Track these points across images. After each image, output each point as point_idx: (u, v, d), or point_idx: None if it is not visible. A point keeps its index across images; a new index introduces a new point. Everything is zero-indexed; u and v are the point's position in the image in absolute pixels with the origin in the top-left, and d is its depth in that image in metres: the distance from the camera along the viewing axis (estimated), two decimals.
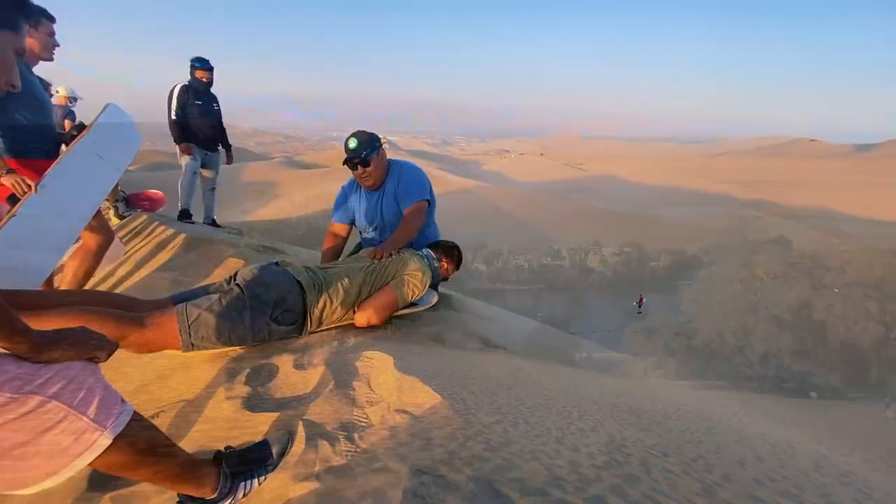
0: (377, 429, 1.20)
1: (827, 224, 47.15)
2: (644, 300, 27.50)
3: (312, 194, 48.50)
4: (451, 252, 2.36)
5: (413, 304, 2.05)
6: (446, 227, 2.82)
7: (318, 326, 1.74)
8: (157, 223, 3.27)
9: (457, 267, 2.39)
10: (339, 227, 2.54)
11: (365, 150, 2.31)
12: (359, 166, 2.33)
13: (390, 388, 1.34)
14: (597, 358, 3.74)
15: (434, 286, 2.25)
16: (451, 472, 1.01)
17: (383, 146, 2.42)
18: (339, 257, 2.45)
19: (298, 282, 1.70)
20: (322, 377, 1.40)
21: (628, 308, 27.10)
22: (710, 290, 29.70)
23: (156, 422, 1.33)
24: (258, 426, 1.23)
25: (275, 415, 1.24)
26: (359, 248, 2.50)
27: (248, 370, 1.43)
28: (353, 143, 2.32)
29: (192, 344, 1.50)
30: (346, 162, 2.36)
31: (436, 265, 2.22)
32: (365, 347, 1.56)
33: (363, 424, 1.23)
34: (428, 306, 2.17)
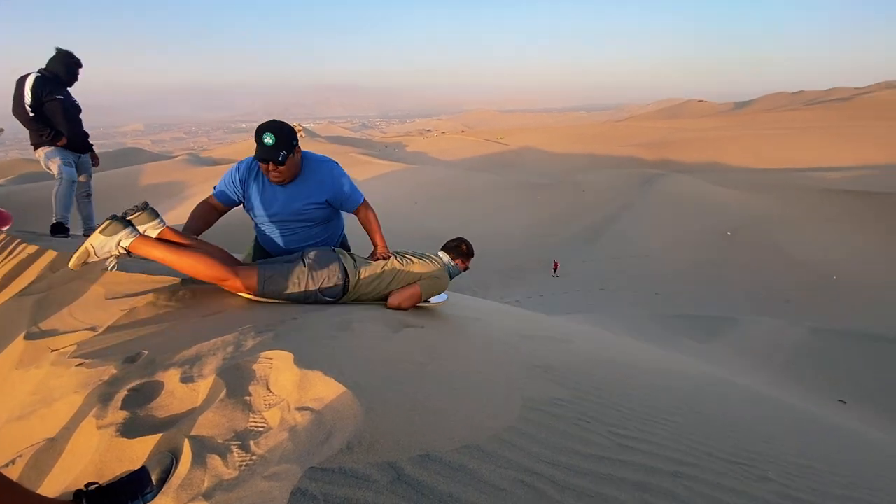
0: (275, 431, 1.13)
1: (718, 176, 52.64)
2: (558, 264, 29.01)
3: None
4: (460, 248, 2.70)
5: (426, 301, 2.56)
6: (379, 210, 2.72)
7: (352, 302, 2.29)
8: (18, 241, 2.82)
9: (470, 256, 2.74)
10: (219, 206, 2.30)
11: (282, 150, 2.09)
12: (272, 164, 2.13)
13: (290, 387, 1.26)
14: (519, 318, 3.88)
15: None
16: (352, 461, 0.97)
17: (299, 137, 2.26)
18: (199, 234, 2.21)
19: (345, 268, 2.23)
20: (213, 387, 1.28)
21: (548, 273, 28.58)
22: (624, 244, 32.17)
23: (9, 470, 1.15)
24: (137, 453, 1.10)
25: (156, 437, 1.12)
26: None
27: (124, 393, 1.28)
28: (269, 140, 2.06)
29: (263, 293, 2.09)
30: (259, 159, 2.10)
31: (453, 271, 2.65)
32: (263, 348, 1.45)
33: (260, 430, 1.15)
34: (441, 303, 2.71)
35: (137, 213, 1.96)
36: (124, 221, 1.88)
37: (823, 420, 3.97)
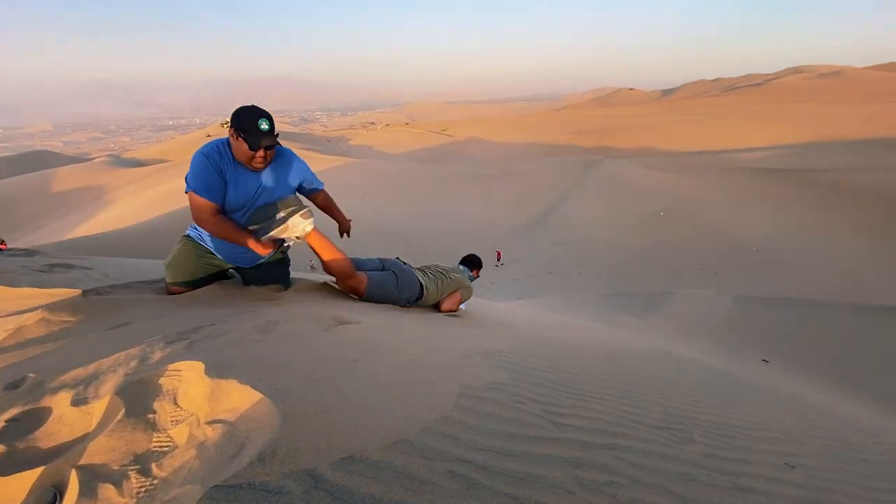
0: (182, 450, 1.03)
1: (651, 160, 55.82)
2: (501, 254, 29.65)
3: (156, 195, 41.86)
4: (473, 261, 3.55)
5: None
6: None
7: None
8: None
9: (480, 266, 3.57)
10: (216, 208, 2.15)
11: (275, 132, 2.13)
12: (267, 150, 2.12)
13: (200, 399, 1.15)
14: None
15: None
16: (263, 474, 0.89)
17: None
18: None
19: (421, 283, 2.85)
20: (110, 408, 1.15)
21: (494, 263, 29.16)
22: (569, 229, 33.41)
23: None
24: (14, 492, 0.96)
25: (38, 471, 0.98)
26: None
27: (0, 425, 1.12)
28: (266, 126, 2.07)
29: (369, 297, 2.61)
30: (263, 147, 2.09)
31: (471, 279, 3.40)
32: (172, 359, 1.32)
33: (164, 450, 1.04)
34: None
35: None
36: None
37: (746, 380, 4.31)
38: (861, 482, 1.80)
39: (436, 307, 3.02)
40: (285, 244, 2.38)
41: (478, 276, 3.52)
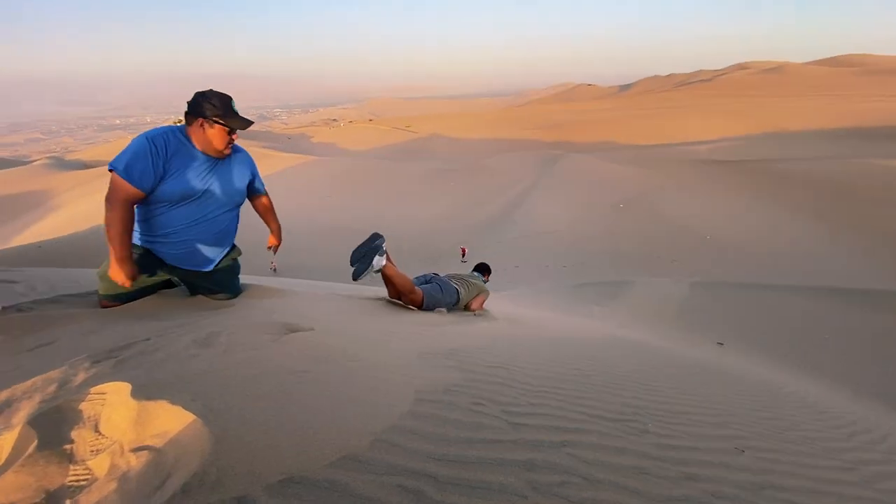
0: (101, 483, 0.94)
1: (610, 153, 57.44)
2: (466, 250, 29.88)
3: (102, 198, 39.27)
4: (485, 269, 4.36)
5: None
6: (283, 206, 2.53)
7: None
8: None
9: (490, 272, 4.36)
10: (138, 194, 1.97)
11: None
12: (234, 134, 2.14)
13: (125, 425, 1.06)
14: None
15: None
16: None
17: None
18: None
19: (457, 290, 3.50)
20: (20, 440, 1.04)
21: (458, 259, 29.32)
22: (533, 223, 33.95)
23: None
24: None
25: None
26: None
27: None
28: (236, 107, 2.11)
29: (426, 307, 3.20)
30: (241, 128, 2.11)
31: (485, 283, 4.04)
32: (97, 381, 1.21)
33: (81, 484, 0.95)
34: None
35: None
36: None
37: (702, 364, 4.48)
38: (805, 461, 1.88)
39: (465, 308, 3.69)
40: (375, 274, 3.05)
41: (488, 280, 4.22)
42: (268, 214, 2.55)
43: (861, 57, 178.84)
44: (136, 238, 2.16)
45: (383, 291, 3.53)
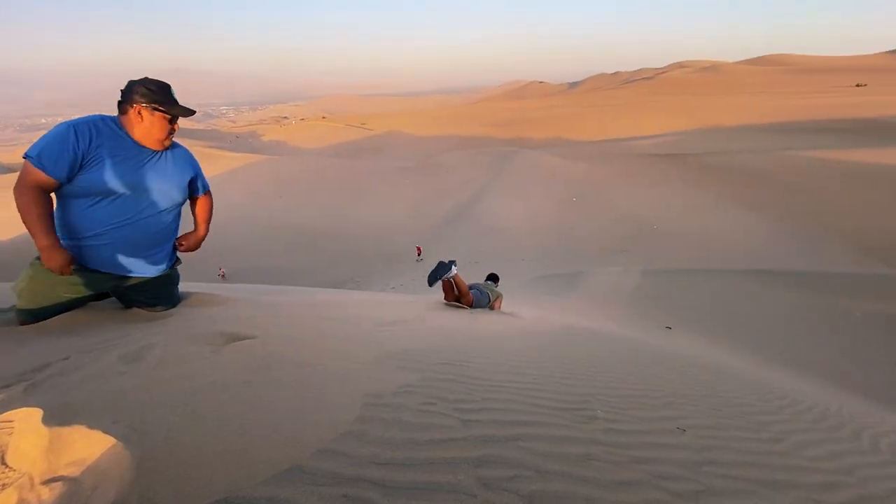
0: None
1: (562, 149, 59.16)
2: (421, 249, 30.00)
3: None
4: (496, 277, 5.54)
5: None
6: (233, 208, 2.35)
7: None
8: None
9: (498, 280, 5.56)
10: (51, 183, 1.79)
11: None
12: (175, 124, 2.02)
13: (36, 454, 0.96)
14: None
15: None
16: None
17: None
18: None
19: (489, 294, 4.62)
20: None
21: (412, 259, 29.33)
22: (491, 218, 34.42)
23: None
24: None
25: None
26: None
27: None
28: (175, 95, 2.00)
29: (474, 306, 4.39)
30: (183, 115, 1.98)
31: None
32: (3, 408, 1.10)
33: None
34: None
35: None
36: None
37: (651, 347, 4.71)
38: (740, 435, 2.01)
39: (490, 308, 4.67)
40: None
41: (497, 285, 5.34)
42: (203, 216, 2.34)
43: (786, 57, 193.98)
44: (63, 242, 1.97)
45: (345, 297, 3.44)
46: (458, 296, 4.35)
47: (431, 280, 4.30)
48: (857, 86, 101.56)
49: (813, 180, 35.70)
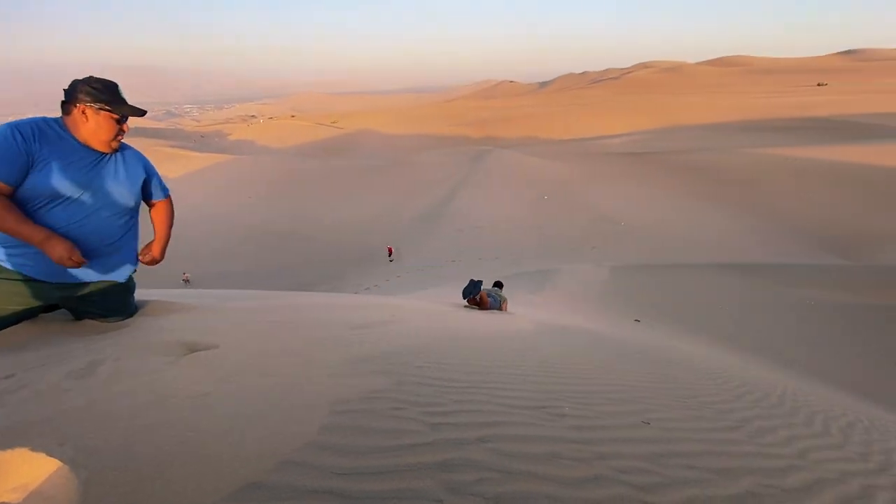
0: None
1: (533, 148, 59.97)
2: (393, 249, 29.87)
3: None
4: (501, 283, 6.40)
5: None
6: (198, 209, 2.24)
7: None
8: None
9: (503, 286, 6.41)
10: (3, 189, 1.71)
11: None
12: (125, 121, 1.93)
13: None
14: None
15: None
16: None
17: None
18: None
19: (499, 299, 5.69)
20: None
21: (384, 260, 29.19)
22: (465, 217, 34.57)
23: None
24: None
25: None
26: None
27: None
28: (124, 94, 1.91)
29: (489, 308, 5.43)
30: (134, 115, 1.91)
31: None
32: None
33: None
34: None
35: None
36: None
37: (620, 341, 4.83)
38: (702, 425, 2.08)
39: (501, 310, 5.53)
40: None
41: (502, 290, 6.20)
42: (162, 223, 2.23)
43: (744, 58, 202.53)
44: (1, 254, 1.85)
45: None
46: (479, 304, 5.40)
47: (465, 295, 5.31)
48: (819, 85, 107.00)
49: (771, 176, 37.47)
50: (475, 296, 5.23)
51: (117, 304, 2.06)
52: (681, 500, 1.28)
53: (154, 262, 2.18)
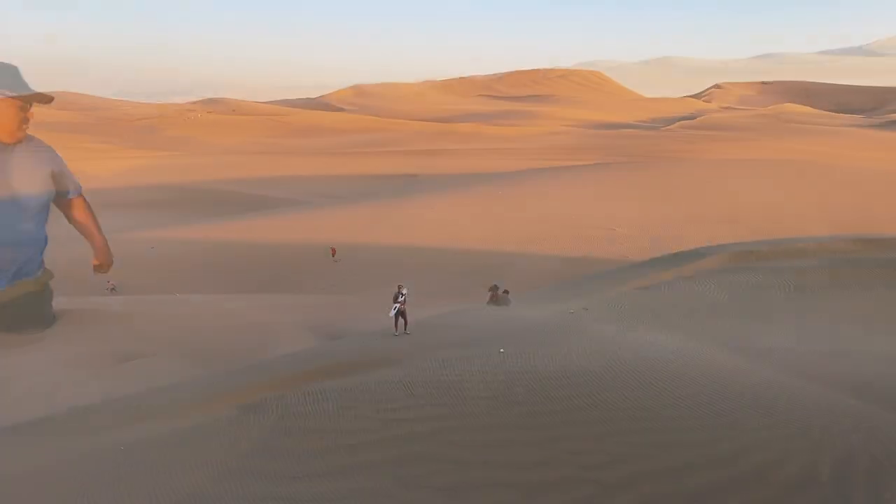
0: None
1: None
2: (336, 250, 29.27)
3: None
4: (507, 291, 5.01)
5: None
6: (127, 209, 2.05)
7: None
8: None
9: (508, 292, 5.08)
10: None
11: None
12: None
13: None
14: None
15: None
16: None
17: None
18: None
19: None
20: None
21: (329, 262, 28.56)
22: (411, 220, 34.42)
23: None
24: None
25: None
26: None
27: None
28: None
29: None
30: (42, 102, 1.77)
31: None
32: None
33: None
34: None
35: None
36: None
37: (572, 329, 4.99)
38: (642, 403, 2.20)
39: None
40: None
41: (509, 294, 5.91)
42: (87, 226, 2.05)
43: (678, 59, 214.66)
44: None
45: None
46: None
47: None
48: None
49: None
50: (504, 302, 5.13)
51: (29, 313, 1.86)
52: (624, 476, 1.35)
53: (104, 267, 2.09)
